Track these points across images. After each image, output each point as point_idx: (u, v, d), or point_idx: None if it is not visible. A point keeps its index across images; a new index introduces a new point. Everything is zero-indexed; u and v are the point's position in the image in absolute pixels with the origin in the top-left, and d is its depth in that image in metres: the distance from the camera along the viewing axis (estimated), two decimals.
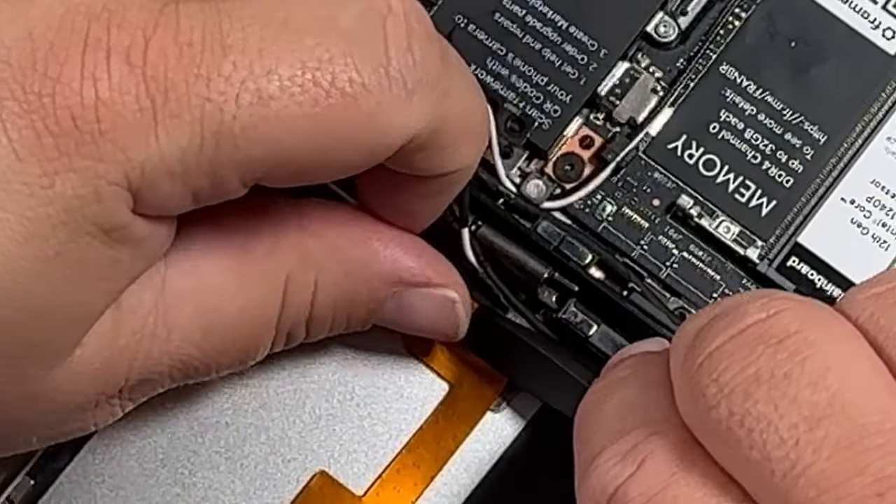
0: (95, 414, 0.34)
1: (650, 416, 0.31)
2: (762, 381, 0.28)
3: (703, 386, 0.29)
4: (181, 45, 0.30)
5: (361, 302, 0.37)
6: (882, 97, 0.40)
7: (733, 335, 0.29)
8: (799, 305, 0.30)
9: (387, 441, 0.40)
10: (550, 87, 0.40)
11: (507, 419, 0.40)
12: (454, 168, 0.35)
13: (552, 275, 0.39)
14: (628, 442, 0.30)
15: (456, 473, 0.40)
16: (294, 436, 0.40)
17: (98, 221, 0.30)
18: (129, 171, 0.30)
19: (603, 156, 0.40)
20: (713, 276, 0.40)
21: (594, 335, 0.39)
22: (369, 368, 0.40)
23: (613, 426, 0.31)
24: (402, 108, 0.32)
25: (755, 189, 0.40)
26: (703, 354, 0.29)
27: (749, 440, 0.28)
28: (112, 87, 0.30)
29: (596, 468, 0.30)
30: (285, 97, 0.31)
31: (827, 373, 0.28)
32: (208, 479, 0.40)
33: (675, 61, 0.41)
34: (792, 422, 0.28)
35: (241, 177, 0.31)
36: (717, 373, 0.29)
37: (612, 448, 0.30)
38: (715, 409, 0.29)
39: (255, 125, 0.30)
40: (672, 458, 0.30)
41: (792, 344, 0.29)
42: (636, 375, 0.33)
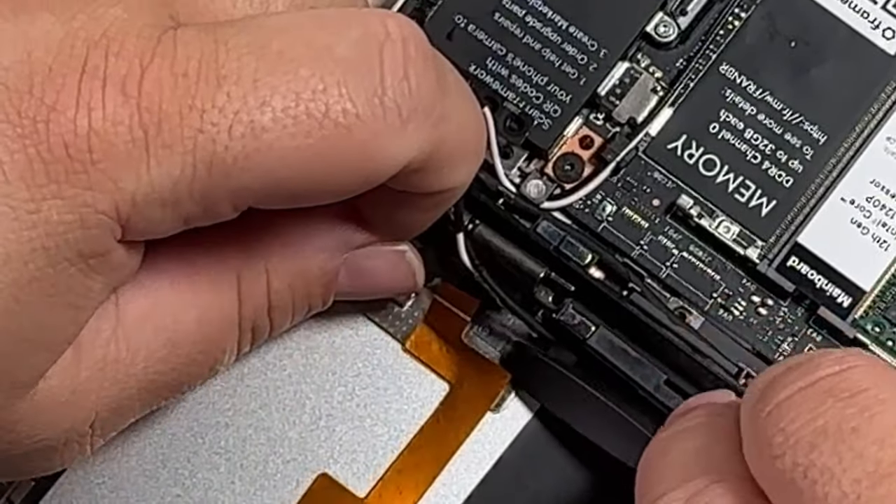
0: (63, 452, 0.34)
1: (714, 466, 0.31)
2: (829, 433, 0.28)
3: (769, 435, 0.29)
4: (177, 76, 0.30)
5: (315, 277, 0.37)
6: (882, 97, 0.40)
7: (803, 387, 0.29)
8: (872, 363, 0.30)
9: (388, 442, 0.40)
10: (550, 87, 0.40)
11: (508, 419, 0.40)
12: (451, 186, 0.35)
13: (548, 274, 0.39)
14: (691, 488, 0.30)
15: (457, 473, 0.40)
16: (294, 437, 0.40)
17: (80, 248, 0.31)
18: (118, 201, 0.30)
19: (603, 156, 0.40)
20: (713, 275, 0.40)
21: (592, 337, 0.39)
22: (369, 369, 0.40)
23: (677, 473, 0.31)
24: (396, 136, 0.32)
25: (755, 189, 0.40)
26: (773, 404, 0.29)
27: (811, 492, 0.28)
28: (106, 118, 0.30)
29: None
30: (278, 128, 0.31)
31: (895, 431, 0.28)
32: (208, 480, 0.40)
33: (675, 61, 0.41)
34: (855, 477, 0.28)
35: (234, 203, 0.32)
36: (785, 422, 0.29)
37: (674, 493, 0.31)
38: (780, 459, 0.29)
39: (248, 156, 0.31)
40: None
41: (862, 400, 0.29)
42: (703, 425, 0.33)
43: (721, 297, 0.40)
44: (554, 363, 0.39)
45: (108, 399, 0.34)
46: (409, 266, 0.39)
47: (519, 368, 0.40)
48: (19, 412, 0.32)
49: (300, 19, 0.32)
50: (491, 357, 0.40)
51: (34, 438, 0.33)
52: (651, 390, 0.38)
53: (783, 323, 0.39)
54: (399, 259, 0.38)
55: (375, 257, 0.38)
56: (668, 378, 0.38)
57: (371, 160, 0.32)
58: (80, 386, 0.33)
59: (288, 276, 0.36)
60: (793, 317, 0.39)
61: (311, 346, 0.40)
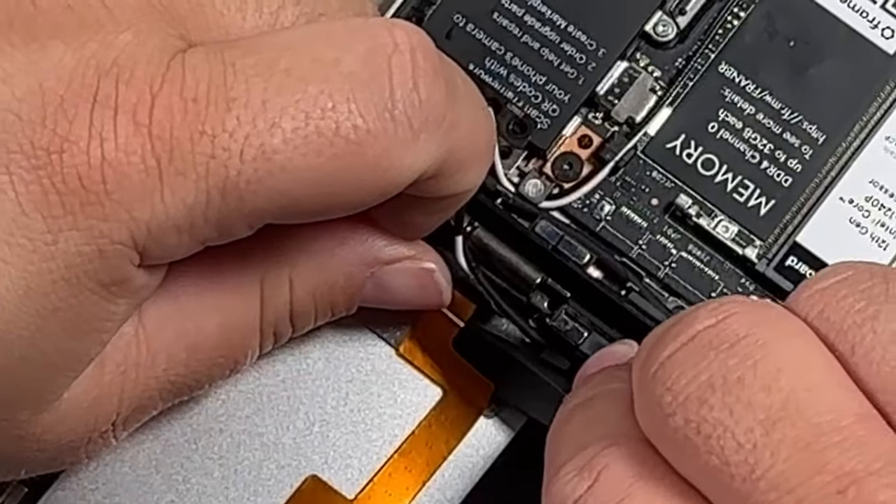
0: (87, 448, 0.35)
1: (610, 430, 0.31)
2: (715, 387, 0.28)
3: (658, 395, 0.29)
4: (186, 101, 0.30)
5: (340, 288, 0.37)
6: (881, 97, 0.40)
7: (684, 343, 0.29)
8: (747, 308, 0.30)
9: (379, 446, 0.40)
10: (549, 87, 0.40)
11: (500, 424, 0.40)
12: (463, 190, 0.35)
13: (545, 280, 0.39)
14: (586, 455, 0.30)
15: (448, 478, 0.40)
16: (288, 441, 0.40)
17: (99, 278, 0.31)
18: (134, 231, 0.30)
19: (601, 155, 0.40)
20: (712, 275, 0.40)
21: (584, 343, 0.39)
22: (362, 374, 0.40)
23: (576, 440, 0.31)
24: (408, 149, 0.32)
25: (754, 188, 0.40)
26: (656, 364, 0.29)
27: (706, 447, 0.28)
28: (118, 148, 0.30)
29: (556, 482, 0.30)
30: (289, 149, 0.31)
31: (779, 374, 0.28)
32: (202, 485, 0.39)
33: (674, 61, 0.41)
34: (748, 426, 0.28)
35: (249, 224, 0.32)
36: (671, 381, 0.29)
37: (571, 462, 0.30)
38: (671, 418, 0.29)
39: (260, 179, 0.31)
40: (628, 469, 0.30)
41: (742, 348, 0.29)
42: (600, 393, 0.33)
43: (720, 297, 0.39)
44: (537, 371, 0.39)
45: (129, 400, 0.34)
46: (437, 285, 0.39)
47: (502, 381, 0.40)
48: (44, 423, 0.33)
49: (307, 35, 0.32)
50: None
51: (59, 443, 0.34)
52: None
53: None
54: (427, 277, 0.38)
55: (404, 274, 0.38)
56: None
57: (384, 174, 0.32)
58: (103, 390, 0.33)
59: (312, 286, 0.36)
60: None
61: (304, 350, 0.40)
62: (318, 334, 0.40)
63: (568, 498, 0.30)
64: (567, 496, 0.30)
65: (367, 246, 0.37)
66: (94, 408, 0.33)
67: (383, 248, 0.37)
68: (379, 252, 0.37)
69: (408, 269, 0.38)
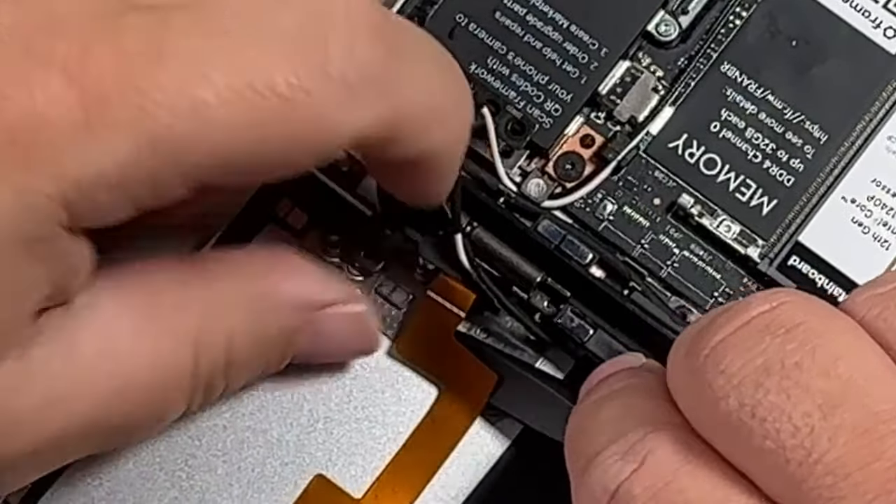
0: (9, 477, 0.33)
1: (648, 419, 0.31)
2: (772, 370, 0.28)
3: (709, 378, 0.29)
4: (119, 55, 0.30)
5: (275, 339, 0.37)
6: (883, 96, 0.40)
7: (739, 326, 0.29)
8: (802, 298, 0.30)
9: (384, 443, 0.40)
10: (551, 86, 0.40)
11: (507, 419, 0.40)
12: (426, 152, 0.34)
13: (545, 279, 0.39)
14: (628, 441, 0.30)
15: (454, 474, 0.40)
16: (291, 439, 0.40)
17: (22, 232, 0.30)
18: (62, 184, 0.30)
19: (604, 155, 0.40)
20: (714, 275, 0.40)
21: (590, 340, 0.39)
22: (366, 372, 0.40)
23: (610, 430, 0.31)
24: (344, 108, 0.31)
25: (756, 188, 0.40)
26: (708, 347, 0.29)
27: (761, 430, 0.28)
28: (48, 100, 0.29)
29: (595, 468, 0.30)
30: (223, 105, 0.30)
31: (838, 361, 0.28)
32: (206, 483, 0.39)
33: (676, 60, 0.41)
34: (805, 410, 0.28)
35: (184, 182, 0.31)
36: (725, 364, 0.29)
37: (610, 448, 0.30)
38: (724, 401, 0.29)
39: (194, 133, 0.30)
40: (674, 453, 0.30)
41: (800, 333, 0.29)
42: (628, 387, 0.33)
43: (722, 297, 0.40)
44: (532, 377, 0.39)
45: (46, 435, 0.33)
46: (369, 328, 0.39)
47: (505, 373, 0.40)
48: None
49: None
50: None
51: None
52: None
53: None
54: (360, 320, 0.38)
55: (336, 319, 0.38)
56: None
57: (320, 132, 0.31)
58: (23, 416, 0.32)
59: (249, 338, 0.36)
60: None
61: None
62: None
63: (611, 482, 0.30)
64: (609, 481, 0.30)
65: (301, 292, 0.37)
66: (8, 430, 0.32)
67: (316, 292, 0.37)
68: (313, 296, 0.37)
69: (340, 314, 0.38)
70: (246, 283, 0.36)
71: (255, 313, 0.36)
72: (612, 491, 0.30)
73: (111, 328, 0.33)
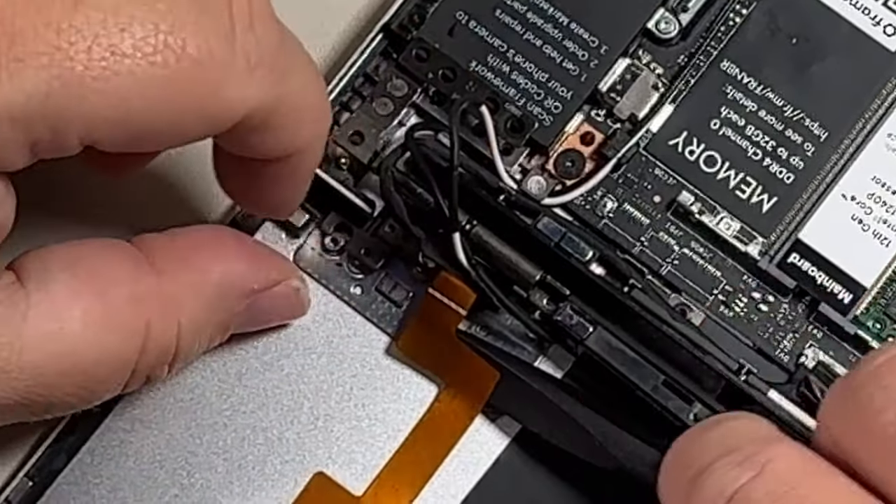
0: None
1: (764, 434, 0.32)
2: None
3: (868, 393, 0.30)
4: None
5: (220, 323, 0.37)
6: (883, 94, 0.40)
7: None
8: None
9: (384, 441, 0.40)
10: (551, 84, 0.40)
11: (506, 417, 0.40)
12: (294, 148, 0.36)
13: (544, 277, 0.39)
14: (744, 452, 0.31)
15: (454, 471, 0.40)
16: (292, 437, 0.40)
17: None
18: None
19: (604, 152, 0.40)
20: (714, 272, 0.40)
21: (590, 338, 0.39)
22: (366, 369, 0.40)
23: (726, 442, 0.32)
24: (244, 81, 0.33)
25: (756, 185, 0.40)
26: (872, 366, 0.31)
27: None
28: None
29: (711, 474, 0.31)
30: (137, 55, 0.31)
31: None
32: (206, 480, 0.39)
33: (676, 58, 0.41)
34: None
35: (82, 132, 0.31)
36: (886, 381, 0.30)
37: (727, 457, 0.31)
38: (882, 414, 0.30)
39: (106, 78, 0.31)
40: (796, 462, 0.31)
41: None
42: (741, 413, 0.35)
43: (722, 294, 0.40)
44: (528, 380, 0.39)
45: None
46: (302, 299, 0.40)
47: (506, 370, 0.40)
48: None
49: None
50: None
51: None
52: (649, 391, 0.38)
53: (784, 319, 0.39)
54: (294, 295, 0.39)
55: (275, 297, 0.39)
56: (665, 379, 0.38)
57: (220, 101, 0.32)
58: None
59: (197, 327, 0.36)
60: (794, 313, 0.40)
61: (307, 346, 0.40)
62: (321, 330, 0.40)
63: (728, 486, 0.31)
64: (727, 485, 0.31)
65: (245, 279, 0.37)
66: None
67: (258, 277, 0.38)
68: (256, 282, 0.38)
69: (279, 293, 0.39)
70: (195, 274, 0.36)
71: (203, 304, 0.36)
72: (729, 495, 0.31)
73: (62, 313, 0.33)
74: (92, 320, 0.34)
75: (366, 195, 0.40)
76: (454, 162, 0.38)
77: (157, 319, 0.35)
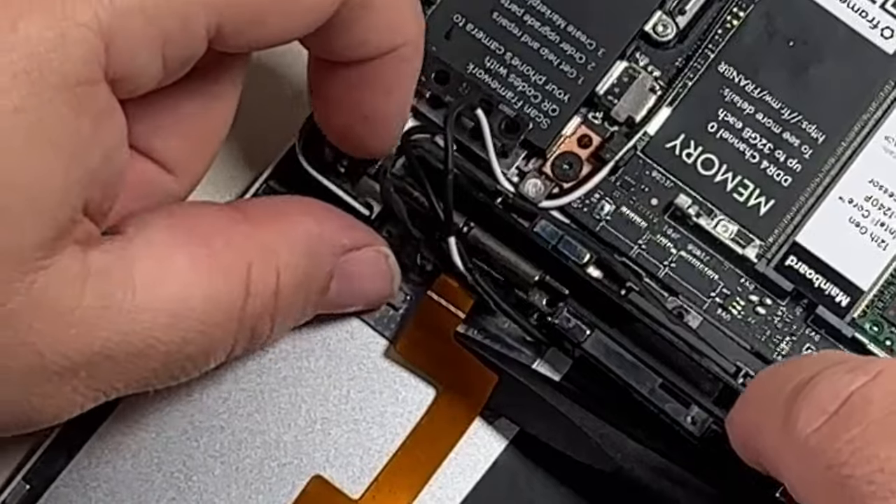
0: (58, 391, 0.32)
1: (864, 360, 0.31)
2: None
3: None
4: None
5: (315, 281, 0.37)
6: (880, 96, 0.40)
7: None
8: None
9: (382, 444, 0.40)
10: (549, 87, 0.40)
11: (503, 421, 0.40)
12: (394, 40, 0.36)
13: (543, 277, 0.39)
14: (854, 362, 0.31)
15: (451, 475, 0.40)
16: (290, 440, 0.40)
17: (64, 72, 0.29)
18: (97, 9, 0.29)
19: (601, 155, 0.40)
20: (711, 275, 0.40)
21: (587, 341, 0.39)
22: (364, 372, 0.40)
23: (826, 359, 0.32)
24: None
25: (753, 188, 0.40)
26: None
27: None
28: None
29: (821, 380, 0.30)
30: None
31: None
32: (204, 483, 0.39)
33: (674, 60, 0.41)
34: None
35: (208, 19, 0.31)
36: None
37: (835, 367, 0.31)
38: None
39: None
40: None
41: None
42: None
43: (719, 297, 0.40)
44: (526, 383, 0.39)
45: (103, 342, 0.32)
46: (391, 270, 0.39)
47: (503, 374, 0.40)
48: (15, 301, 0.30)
49: None
50: None
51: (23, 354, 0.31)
52: (646, 394, 0.38)
53: (781, 322, 0.39)
54: (383, 261, 0.39)
55: (363, 262, 0.38)
56: (663, 382, 0.38)
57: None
58: (82, 312, 0.31)
59: (295, 275, 0.36)
60: (791, 316, 0.40)
61: (305, 349, 0.40)
62: (319, 333, 0.40)
63: (843, 389, 0.30)
64: (841, 388, 0.30)
65: (335, 235, 0.37)
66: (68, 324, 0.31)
67: (348, 234, 0.38)
68: (346, 239, 0.38)
69: (367, 256, 0.38)
70: (288, 226, 0.36)
71: (298, 255, 0.36)
72: (844, 397, 0.30)
73: (166, 258, 0.33)
74: (195, 263, 0.34)
75: (365, 198, 0.40)
76: (448, 166, 0.38)
77: (257, 263, 0.35)
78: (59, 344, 0.31)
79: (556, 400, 0.39)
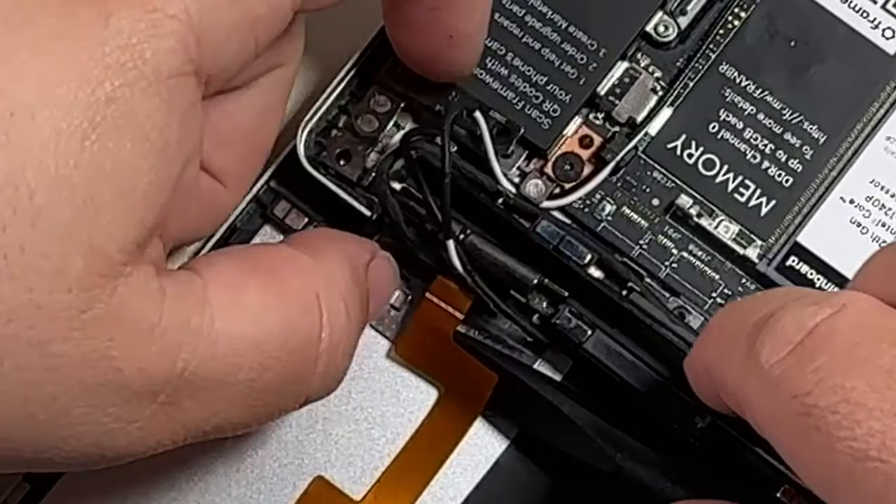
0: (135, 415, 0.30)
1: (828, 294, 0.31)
2: None
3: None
4: None
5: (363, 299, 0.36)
6: (881, 97, 0.40)
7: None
8: None
9: (383, 445, 0.40)
10: (550, 87, 0.40)
11: (504, 421, 0.40)
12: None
13: (542, 280, 0.39)
14: (818, 295, 0.30)
15: (453, 476, 0.40)
16: (291, 440, 0.40)
17: (156, 63, 0.29)
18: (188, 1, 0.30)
19: (602, 155, 0.40)
20: (712, 275, 0.40)
21: (588, 341, 0.39)
22: (365, 373, 0.40)
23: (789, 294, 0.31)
24: None
25: (754, 188, 0.40)
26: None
27: None
28: None
29: (785, 313, 0.30)
30: None
31: None
32: (205, 484, 0.40)
33: (675, 61, 0.41)
34: None
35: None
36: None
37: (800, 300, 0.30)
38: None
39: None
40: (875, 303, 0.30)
41: None
42: None
43: (721, 297, 0.40)
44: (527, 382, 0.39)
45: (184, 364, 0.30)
46: (396, 271, 0.40)
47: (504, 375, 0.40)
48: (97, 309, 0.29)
49: None
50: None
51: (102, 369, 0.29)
52: (646, 394, 0.38)
53: None
54: (389, 266, 0.39)
55: (377, 268, 0.38)
56: (663, 382, 0.38)
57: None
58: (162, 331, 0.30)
59: (355, 303, 0.35)
60: None
61: None
62: None
63: (808, 320, 0.29)
64: (806, 319, 0.29)
65: (359, 250, 0.37)
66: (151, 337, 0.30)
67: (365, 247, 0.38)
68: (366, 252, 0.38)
69: (381, 265, 0.38)
70: (335, 255, 0.36)
71: (352, 283, 0.35)
72: (809, 328, 0.29)
73: (238, 286, 0.32)
74: (267, 290, 0.33)
75: (365, 198, 0.40)
76: (445, 169, 0.38)
77: (324, 292, 0.34)
78: (140, 360, 0.30)
79: (557, 400, 0.39)
